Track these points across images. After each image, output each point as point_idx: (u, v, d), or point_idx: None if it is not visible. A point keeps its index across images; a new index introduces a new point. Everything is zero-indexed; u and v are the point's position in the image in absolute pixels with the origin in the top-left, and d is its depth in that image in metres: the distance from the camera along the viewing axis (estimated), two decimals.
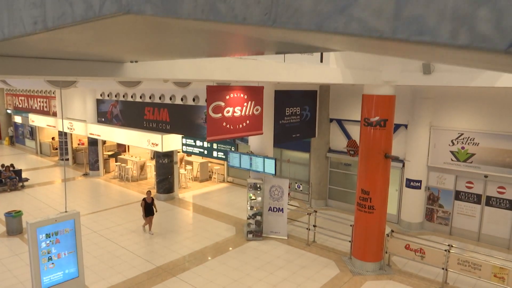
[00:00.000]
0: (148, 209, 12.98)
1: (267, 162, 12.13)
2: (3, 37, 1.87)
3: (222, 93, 9.09)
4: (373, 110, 10.10)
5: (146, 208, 12.95)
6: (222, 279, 10.16)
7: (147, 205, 12.97)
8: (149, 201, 12.99)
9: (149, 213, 13.03)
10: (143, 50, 2.76)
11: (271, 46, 2.40)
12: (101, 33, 1.84)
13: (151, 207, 13.05)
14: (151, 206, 13.05)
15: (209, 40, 2.14)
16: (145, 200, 13.00)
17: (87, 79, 6.06)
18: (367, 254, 10.78)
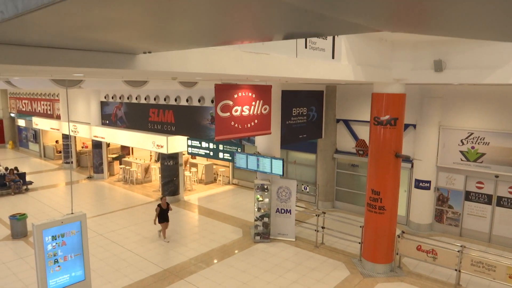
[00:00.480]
0: (163, 216, 12.45)
1: (274, 163, 11.96)
2: (17, 12, 1.72)
3: (230, 92, 8.94)
4: (383, 109, 9.93)
5: (161, 214, 12.40)
6: (231, 282, 9.97)
7: (162, 211, 12.44)
8: (164, 207, 12.46)
9: (164, 220, 12.49)
10: (152, 33, 2.61)
11: (279, 27, 2.27)
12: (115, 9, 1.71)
13: (166, 214, 12.54)
14: (166, 212, 12.53)
15: (217, 18, 2.01)
16: (160, 206, 12.44)
17: (96, 74, 5.91)
18: (377, 255, 10.58)
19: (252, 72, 5.25)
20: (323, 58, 6.86)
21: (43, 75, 6.16)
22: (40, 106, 27.25)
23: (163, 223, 12.50)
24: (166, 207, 12.49)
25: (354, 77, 7.82)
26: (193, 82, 11.83)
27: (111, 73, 4.93)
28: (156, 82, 11.19)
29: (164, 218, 12.45)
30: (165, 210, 12.45)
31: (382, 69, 9.07)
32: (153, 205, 16.51)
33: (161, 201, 12.52)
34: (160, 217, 12.38)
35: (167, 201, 16.70)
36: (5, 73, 5.26)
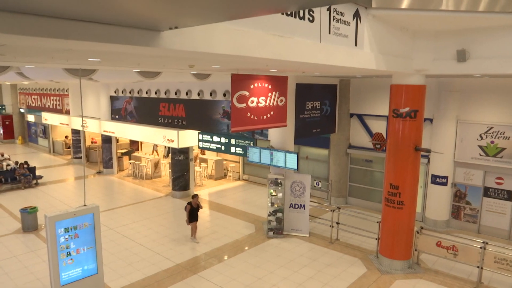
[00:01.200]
0: (193, 215, 11.84)
1: (288, 157, 11.73)
2: None
3: (247, 82, 8.71)
4: (403, 101, 9.64)
5: (191, 213, 11.79)
6: (245, 277, 9.76)
7: (192, 210, 11.81)
8: (195, 206, 11.81)
9: (194, 219, 11.91)
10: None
11: None
12: None
13: (196, 213, 11.94)
14: (196, 211, 11.93)
15: None
16: (190, 205, 11.78)
17: (114, 59, 5.70)
18: (395, 252, 10.31)
19: (277, 55, 5.02)
20: (346, 45, 6.61)
21: (59, 61, 5.97)
22: (49, 102, 27.22)
23: (193, 222, 11.92)
24: (197, 206, 11.87)
25: (376, 66, 7.56)
26: (206, 74, 11.62)
27: (132, 54, 4.71)
28: (169, 74, 10.98)
29: (194, 217, 11.87)
30: (196, 209, 11.84)
31: (403, 59, 8.79)
32: (163, 200, 16.39)
33: (193, 200, 11.85)
34: (190, 216, 11.80)
35: (178, 196, 16.66)
36: (22, 56, 5.06)
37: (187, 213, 11.75)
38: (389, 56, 8.11)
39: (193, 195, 12.06)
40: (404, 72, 9.04)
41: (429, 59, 9.17)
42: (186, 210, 11.81)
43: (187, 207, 11.76)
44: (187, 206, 11.78)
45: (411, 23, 8.47)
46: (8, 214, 14.59)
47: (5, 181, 17.96)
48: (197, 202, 11.87)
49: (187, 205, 11.81)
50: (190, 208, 11.74)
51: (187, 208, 11.77)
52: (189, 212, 11.71)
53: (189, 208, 11.73)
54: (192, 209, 11.77)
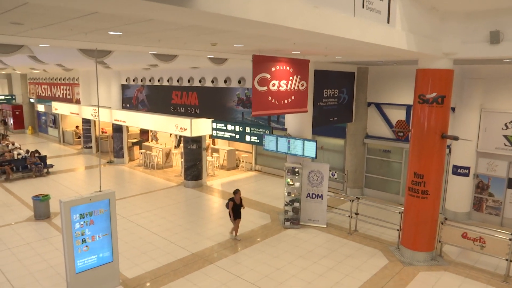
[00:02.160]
0: (236, 212, 11.01)
1: (307, 145, 11.37)
2: None
3: (268, 65, 8.36)
4: (430, 86, 9.23)
5: (234, 210, 10.97)
6: (263, 267, 9.47)
7: (235, 207, 10.99)
8: (238, 202, 11.02)
9: (237, 216, 11.05)
10: None
11: None
12: None
13: (239, 209, 11.10)
14: (239, 208, 11.11)
15: None
16: (233, 201, 10.95)
17: (136, 32, 5.37)
18: (418, 243, 9.95)
19: (310, 27, 4.66)
20: (378, 21, 6.23)
21: (77, 35, 5.65)
22: (59, 91, 27.06)
23: (236, 219, 11.09)
24: (240, 202, 11.10)
25: (407, 46, 7.16)
26: (223, 59, 11.29)
27: (158, 24, 4.38)
28: (185, 58, 10.65)
29: (237, 214, 11.05)
30: (239, 205, 11.06)
31: (432, 41, 8.37)
32: (175, 190, 16.14)
33: (235, 196, 11.00)
34: (234, 213, 11.01)
35: (190, 186, 16.37)
36: (39, 26, 4.74)
37: (230, 210, 10.92)
38: (419, 36, 7.70)
39: (235, 191, 11.15)
40: (432, 55, 8.62)
41: (458, 42, 8.73)
42: (228, 207, 10.99)
43: (230, 204, 10.93)
44: (230, 202, 10.95)
45: (441, 2, 8.04)
46: (20, 202, 14.43)
47: (16, 170, 17.81)
48: (240, 197, 11.12)
49: (229, 201, 10.97)
50: (234, 205, 10.96)
51: (229, 205, 10.95)
52: (233, 208, 10.93)
53: (232, 204, 10.92)
54: (235, 205, 10.99)
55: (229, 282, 8.75)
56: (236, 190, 11.13)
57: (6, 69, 23.37)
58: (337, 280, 8.94)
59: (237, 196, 10.99)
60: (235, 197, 10.98)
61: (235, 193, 11.04)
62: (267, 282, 8.78)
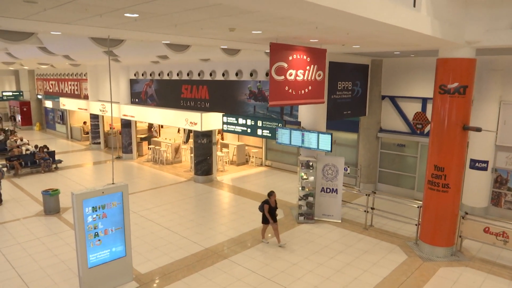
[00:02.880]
0: (273, 214, 10.11)
1: (321, 138, 11.10)
2: None
3: (285, 53, 8.09)
4: (451, 76, 8.92)
5: (270, 213, 10.08)
6: (279, 262, 9.23)
7: (271, 209, 10.11)
8: (273, 204, 10.13)
9: (274, 219, 10.16)
10: None
11: None
12: None
13: (274, 212, 10.19)
14: (274, 211, 10.21)
15: None
16: (268, 203, 10.06)
17: (157, 12, 5.10)
18: (437, 238, 9.66)
19: (339, 5, 4.38)
20: (404, 4, 5.94)
21: (91, 19, 5.41)
22: (67, 87, 26.94)
23: (270, 223, 10.17)
24: (275, 204, 10.22)
25: (432, 31, 6.86)
26: (236, 50, 11.02)
27: (177, 6, 4.12)
28: (198, 48, 10.40)
29: (273, 217, 10.11)
30: (274, 208, 10.16)
31: (455, 29, 8.06)
32: (185, 185, 15.93)
33: (270, 198, 10.09)
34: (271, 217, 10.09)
35: (200, 181, 16.14)
36: (53, 5, 4.50)
37: (266, 214, 10.01)
38: (443, 23, 7.40)
39: (269, 193, 10.19)
40: (454, 43, 8.30)
41: (481, 29, 8.41)
42: (263, 210, 10.08)
43: (265, 207, 10.01)
44: (265, 205, 10.03)
45: None
46: (29, 197, 14.29)
47: (25, 165, 17.69)
48: (274, 200, 10.20)
49: (264, 204, 10.06)
50: (269, 208, 10.05)
51: (265, 208, 10.02)
52: (268, 212, 10.04)
53: (267, 208, 10.01)
54: (271, 209, 10.09)
55: (245, 278, 8.52)
56: (270, 192, 10.26)
57: (14, 64, 23.28)
58: (356, 275, 8.68)
59: (272, 198, 10.10)
60: (270, 199, 10.09)
61: (270, 195, 10.13)
62: (284, 278, 8.54)
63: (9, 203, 13.46)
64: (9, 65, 23.73)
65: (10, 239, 10.49)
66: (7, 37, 6.97)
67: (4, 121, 34.02)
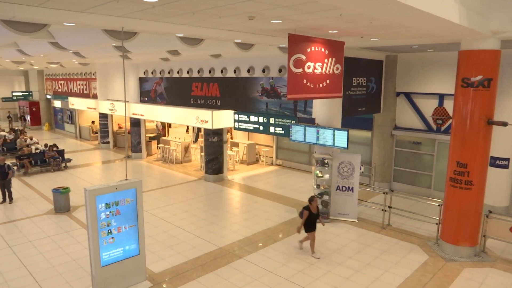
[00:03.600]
0: (311, 223, 9.21)
1: (337, 135, 10.79)
2: None
3: (304, 45, 7.82)
4: (475, 68, 8.59)
5: (308, 220, 9.18)
6: (296, 262, 8.94)
7: (311, 217, 9.21)
8: (314, 211, 9.22)
9: (312, 228, 9.24)
10: None
11: None
12: None
13: (315, 220, 9.28)
14: (316, 218, 9.28)
15: None
16: (308, 209, 9.16)
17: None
18: (460, 237, 9.32)
19: None
20: None
21: (107, 4, 5.18)
22: (76, 86, 26.87)
23: (311, 232, 9.27)
24: (317, 211, 9.33)
25: (459, 19, 6.56)
26: (250, 44, 10.77)
27: None
28: (212, 43, 10.16)
29: (312, 225, 9.25)
30: (315, 215, 9.26)
31: (481, 18, 7.73)
32: (196, 184, 15.70)
33: (311, 204, 9.22)
34: (307, 224, 9.21)
35: (211, 180, 15.88)
36: None
37: (304, 220, 9.14)
38: (470, 12, 7.09)
39: (310, 198, 9.29)
40: (479, 33, 7.97)
41: (508, 19, 8.07)
42: (302, 216, 9.22)
43: (304, 213, 9.13)
44: (304, 211, 9.15)
45: None
46: (39, 195, 14.13)
47: (35, 164, 17.56)
48: (316, 206, 9.31)
49: (304, 210, 9.18)
50: (309, 214, 9.15)
51: (304, 214, 9.14)
52: (308, 219, 9.15)
53: (307, 214, 9.11)
54: (311, 215, 9.19)
55: (261, 278, 8.24)
56: (311, 197, 9.32)
57: (23, 64, 23.24)
58: (376, 276, 8.37)
59: (314, 204, 9.21)
60: (311, 205, 9.21)
61: (311, 201, 9.23)
62: (302, 278, 8.25)
63: (19, 201, 13.31)
64: (19, 64, 23.71)
65: (21, 237, 10.31)
66: (20, 28, 6.77)
67: (14, 121, 34.05)
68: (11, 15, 5.99)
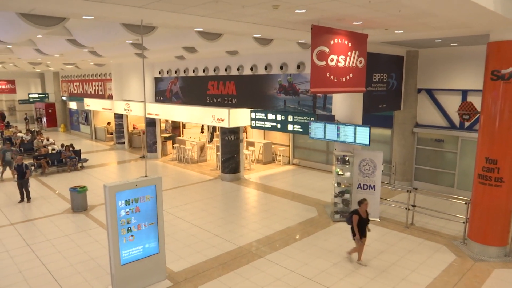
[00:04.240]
0: (363, 228, 8.53)
1: (359, 131, 10.50)
2: None
3: (327, 37, 7.58)
4: (505, 60, 8.24)
5: (359, 225, 8.46)
6: (319, 262, 8.68)
7: (361, 222, 8.49)
8: (364, 215, 8.52)
9: (362, 233, 8.52)
10: None
11: None
12: None
13: (365, 226, 8.58)
14: (366, 224, 8.60)
15: None
16: (358, 213, 8.48)
17: None
18: (489, 237, 8.95)
19: None
20: None
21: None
22: (91, 87, 26.99)
23: (360, 238, 8.55)
24: (366, 215, 8.65)
25: (494, 6, 6.26)
26: (269, 40, 10.56)
27: None
28: (229, 38, 9.99)
29: (363, 231, 8.54)
30: (365, 220, 8.57)
31: None
32: (212, 183, 15.54)
33: (360, 207, 8.52)
34: (360, 229, 8.51)
35: (228, 179, 15.69)
36: None
37: (355, 226, 8.43)
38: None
39: (360, 201, 8.59)
40: None
41: None
42: (352, 222, 8.49)
43: (354, 218, 8.43)
44: (353, 216, 8.47)
45: None
46: (56, 194, 14.11)
47: (51, 164, 17.60)
48: (366, 210, 8.58)
49: (353, 215, 8.50)
50: (360, 220, 8.47)
51: (353, 220, 8.44)
52: (358, 224, 8.47)
53: (357, 219, 8.43)
54: (361, 220, 8.51)
55: (284, 277, 8.01)
56: (362, 199, 8.62)
57: (40, 65, 23.42)
58: (403, 276, 8.07)
59: (363, 208, 8.49)
60: (360, 208, 8.51)
61: (361, 203, 8.53)
62: (325, 278, 7.99)
63: (37, 201, 13.29)
64: (35, 66, 23.91)
65: (39, 236, 10.25)
66: (38, 22, 6.67)
67: (30, 123, 34.40)
68: (31, 7, 5.88)
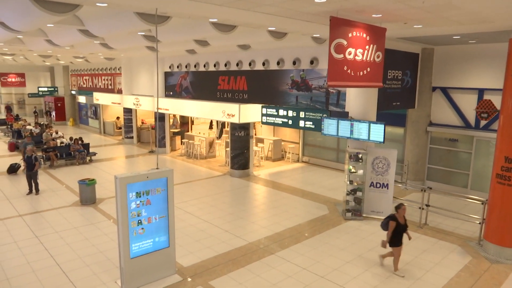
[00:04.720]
0: (400, 235, 7.83)
1: (373, 128, 10.30)
2: None
3: (345, 29, 7.39)
4: None
5: (396, 232, 7.78)
6: (331, 260, 8.50)
7: (398, 228, 7.78)
8: (402, 221, 7.82)
9: (399, 242, 7.85)
10: None
11: None
12: None
13: (402, 233, 7.85)
14: (403, 231, 7.85)
15: None
16: (395, 220, 7.78)
17: None
18: (507, 238, 8.71)
19: None
20: None
21: None
22: (100, 82, 26.97)
23: (397, 247, 7.88)
24: (404, 222, 7.93)
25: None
26: (283, 33, 10.39)
27: None
28: (243, 31, 9.82)
29: (398, 240, 7.84)
30: (403, 227, 7.83)
31: None
32: (221, 179, 15.41)
33: (397, 213, 7.84)
34: (393, 237, 7.79)
35: (237, 175, 15.54)
36: None
37: (390, 232, 7.76)
38: None
39: (397, 206, 7.87)
40: None
41: None
42: (385, 228, 7.89)
43: (391, 224, 7.72)
44: (390, 222, 7.75)
45: None
46: (65, 187, 14.05)
47: (60, 157, 17.58)
48: (403, 216, 7.90)
49: (390, 220, 7.79)
50: (397, 225, 7.75)
51: (390, 226, 7.74)
52: (395, 231, 7.77)
53: (393, 225, 7.72)
54: (399, 226, 7.78)
55: (295, 274, 7.84)
56: (399, 204, 7.90)
57: (50, 58, 23.41)
58: (418, 276, 7.87)
59: (401, 213, 7.81)
60: (397, 213, 7.83)
61: (398, 208, 7.84)
62: (338, 276, 7.81)
63: (46, 193, 13.24)
64: (45, 59, 23.91)
65: (47, 227, 10.17)
66: (51, 8, 6.55)
67: (39, 117, 34.50)
68: None
